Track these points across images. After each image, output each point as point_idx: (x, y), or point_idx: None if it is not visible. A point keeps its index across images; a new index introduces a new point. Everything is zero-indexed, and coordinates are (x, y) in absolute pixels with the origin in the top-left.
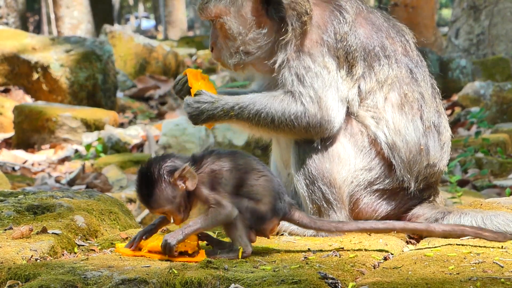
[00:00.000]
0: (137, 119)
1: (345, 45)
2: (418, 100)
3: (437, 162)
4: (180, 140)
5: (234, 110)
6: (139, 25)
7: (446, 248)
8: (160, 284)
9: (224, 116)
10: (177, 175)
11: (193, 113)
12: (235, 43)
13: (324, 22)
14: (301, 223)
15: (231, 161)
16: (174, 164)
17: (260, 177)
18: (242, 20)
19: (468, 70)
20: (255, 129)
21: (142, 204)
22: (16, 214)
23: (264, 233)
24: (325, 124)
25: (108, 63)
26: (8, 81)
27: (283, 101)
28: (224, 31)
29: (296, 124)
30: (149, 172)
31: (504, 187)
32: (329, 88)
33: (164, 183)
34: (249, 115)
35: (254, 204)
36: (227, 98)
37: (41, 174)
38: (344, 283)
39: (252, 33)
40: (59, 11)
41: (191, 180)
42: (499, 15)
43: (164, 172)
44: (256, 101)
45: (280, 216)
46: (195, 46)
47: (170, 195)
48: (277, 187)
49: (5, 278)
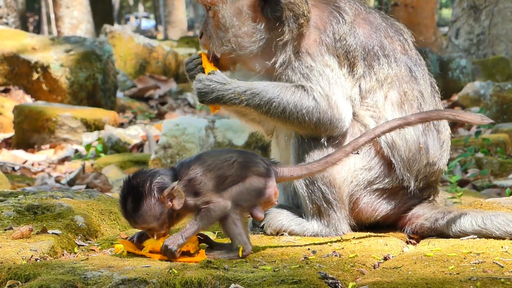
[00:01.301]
0: (137, 119)
1: (344, 45)
2: (418, 98)
3: (436, 160)
4: (180, 140)
5: (245, 95)
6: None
7: (446, 248)
8: (160, 284)
9: (234, 99)
10: (166, 193)
11: (202, 89)
12: (226, 34)
13: (323, 23)
14: (295, 176)
15: (201, 165)
16: (163, 182)
17: (232, 164)
18: (237, 12)
19: (468, 70)
20: (262, 117)
21: (125, 218)
22: (16, 214)
23: (270, 202)
24: (335, 122)
25: (108, 63)
26: (8, 81)
27: (295, 94)
28: (216, 19)
29: (307, 119)
30: (138, 187)
31: (504, 187)
32: (335, 86)
33: (153, 199)
34: (260, 102)
35: (243, 184)
36: (239, 83)
37: (41, 174)
38: (344, 283)
39: (246, 27)
40: (59, 11)
41: (178, 200)
42: (499, 15)
43: (154, 188)
44: (269, 89)
45: (272, 177)
46: (195, 46)
47: (157, 212)
48: (252, 157)
49: (5, 278)
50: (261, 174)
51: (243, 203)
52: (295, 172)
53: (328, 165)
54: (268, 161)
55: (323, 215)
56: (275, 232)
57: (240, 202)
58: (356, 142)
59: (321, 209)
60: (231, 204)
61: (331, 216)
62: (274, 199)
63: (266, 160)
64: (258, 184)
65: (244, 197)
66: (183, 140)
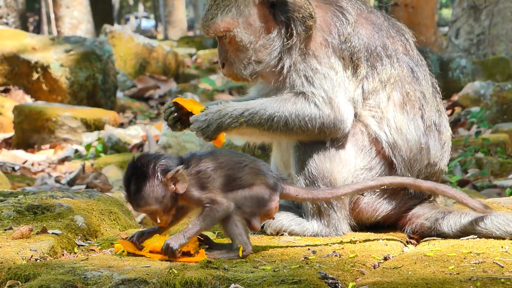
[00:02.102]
0: (137, 119)
1: (349, 46)
2: (420, 99)
3: (437, 161)
4: (180, 140)
5: (243, 116)
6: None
7: (446, 248)
8: (160, 284)
9: (233, 122)
10: (170, 176)
11: (202, 127)
12: (247, 54)
13: (327, 24)
14: (300, 197)
15: (213, 161)
16: (168, 164)
17: (243, 167)
18: (252, 29)
19: (468, 70)
20: (265, 134)
21: (127, 201)
22: (16, 214)
23: (269, 214)
24: (338, 124)
25: (108, 63)
26: (8, 81)
27: (296, 104)
28: (234, 44)
29: (310, 126)
30: (142, 167)
31: (504, 187)
32: (338, 89)
33: (157, 181)
34: (260, 121)
35: (249, 190)
36: (234, 105)
37: (41, 174)
38: (344, 283)
39: (261, 40)
40: (59, 11)
41: (182, 183)
42: (499, 15)
43: (158, 169)
44: (267, 105)
45: (277, 192)
46: (195, 46)
47: (160, 195)
48: (263, 167)
49: (5, 278)
50: (268, 186)
51: (245, 209)
52: (300, 193)
53: (333, 196)
54: (277, 176)
55: (323, 215)
56: (275, 232)
57: (242, 206)
58: (366, 183)
59: (321, 209)
60: (233, 206)
61: (331, 216)
62: (273, 214)
63: (275, 174)
64: (264, 194)
65: (247, 203)
66: (183, 140)
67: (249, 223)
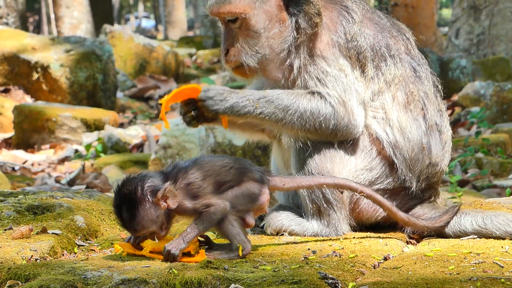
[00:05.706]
0: (137, 119)
1: (355, 45)
2: (423, 98)
3: (438, 161)
4: (180, 140)
5: (259, 102)
6: (139, 25)
7: (446, 248)
8: (160, 284)
9: (248, 106)
10: (160, 195)
11: (216, 96)
12: (259, 41)
13: (333, 23)
14: (286, 187)
15: (200, 170)
16: (155, 184)
17: (229, 170)
18: (268, 15)
19: (468, 70)
20: (275, 126)
21: (123, 228)
22: (16, 214)
23: (262, 208)
24: (351, 128)
25: (108, 63)
26: (8, 81)
27: (311, 101)
28: (246, 28)
29: (324, 126)
30: (131, 194)
31: (504, 187)
32: (350, 92)
33: (148, 203)
34: (275, 110)
35: (239, 188)
36: (251, 91)
37: (41, 174)
38: (344, 283)
39: (276, 28)
40: (59, 11)
41: (172, 199)
42: (499, 15)
43: (147, 192)
44: (283, 97)
45: (265, 184)
46: (195, 46)
47: (154, 216)
48: (246, 163)
49: (5, 278)
50: (256, 180)
51: (239, 207)
52: (286, 182)
53: (316, 183)
54: (261, 169)
55: (323, 215)
56: (275, 232)
57: (236, 205)
58: (349, 183)
59: (321, 209)
60: (229, 205)
61: (331, 216)
62: (266, 207)
63: (259, 168)
64: (254, 189)
65: (239, 201)
66: (183, 140)
67: (243, 221)
